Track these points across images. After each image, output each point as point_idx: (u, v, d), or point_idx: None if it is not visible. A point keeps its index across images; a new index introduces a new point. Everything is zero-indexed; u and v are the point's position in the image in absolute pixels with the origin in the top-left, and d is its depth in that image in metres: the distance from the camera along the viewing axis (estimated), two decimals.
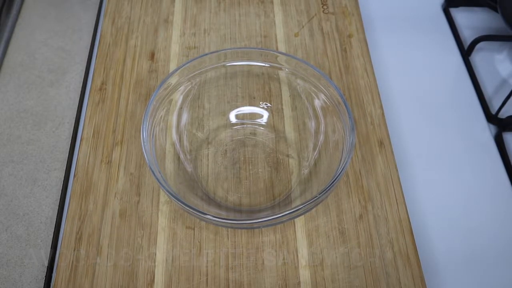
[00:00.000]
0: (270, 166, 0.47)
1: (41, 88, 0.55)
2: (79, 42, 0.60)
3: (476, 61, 0.59)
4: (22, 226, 0.46)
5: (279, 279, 0.41)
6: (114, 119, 0.50)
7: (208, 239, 0.43)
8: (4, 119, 0.53)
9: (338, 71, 0.54)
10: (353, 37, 0.58)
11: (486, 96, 0.56)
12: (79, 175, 0.47)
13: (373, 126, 0.50)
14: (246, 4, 0.61)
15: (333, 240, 0.43)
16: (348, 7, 0.61)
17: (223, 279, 0.41)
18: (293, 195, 0.45)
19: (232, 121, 0.50)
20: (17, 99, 0.54)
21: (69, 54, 0.59)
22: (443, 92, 0.56)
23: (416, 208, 0.47)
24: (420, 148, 0.52)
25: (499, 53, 0.60)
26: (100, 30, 0.59)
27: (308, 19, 0.60)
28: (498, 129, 0.53)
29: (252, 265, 0.42)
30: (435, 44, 0.61)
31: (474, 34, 0.60)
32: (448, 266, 0.44)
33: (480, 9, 0.64)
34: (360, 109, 0.51)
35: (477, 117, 0.54)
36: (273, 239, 0.43)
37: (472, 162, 0.51)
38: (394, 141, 0.50)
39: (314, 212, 0.44)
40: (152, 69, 0.54)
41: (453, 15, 0.63)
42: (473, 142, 0.52)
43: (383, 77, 0.56)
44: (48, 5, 0.64)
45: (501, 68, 0.59)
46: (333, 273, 0.41)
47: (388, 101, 0.54)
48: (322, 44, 0.57)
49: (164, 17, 0.59)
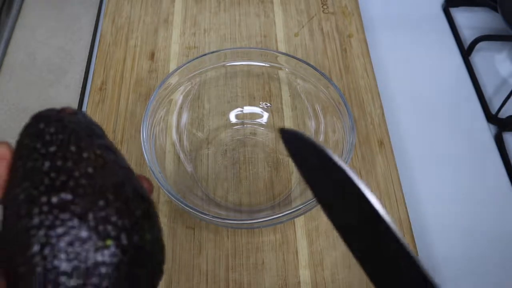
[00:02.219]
0: (270, 166, 0.47)
1: (41, 88, 0.55)
2: (79, 42, 0.60)
3: (476, 61, 0.59)
4: None
5: (279, 279, 0.41)
6: (114, 119, 0.50)
7: (208, 239, 0.43)
8: (4, 119, 0.53)
9: (338, 71, 0.54)
10: (353, 37, 0.58)
11: (486, 96, 0.56)
12: None
13: (373, 126, 0.50)
14: (246, 4, 0.61)
15: (333, 240, 0.43)
16: (348, 7, 0.61)
17: (223, 279, 0.41)
18: (293, 195, 0.45)
19: (232, 121, 0.50)
20: (17, 99, 0.54)
21: (69, 53, 0.59)
22: (443, 92, 0.56)
23: (416, 208, 0.47)
24: (420, 148, 0.52)
25: (499, 53, 0.60)
26: (100, 30, 0.59)
27: (308, 19, 0.60)
28: (498, 129, 0.53)
29: (252, 265, 0.42)
30: (435, 44, 0.61)
31: (474, 34, 0.60)
32: (448, 265, 0.44)
33: (480, 9, 0.64)
34: (360, 109, 0.51)
35: (477, 117, 0.54)
36: (273, 239, 0.43)
37: (472, 162, 0.51)
38: (394, 141, 0.50)
39: (314, 212, 0.44)
40: (152, 69, 0.54)
41: (453, 15, 0.63)
42: (473, 142, 0.52)
43: (383, 77, 0.56)
44: (48, 5, 0.63)
45: (501, 68, 0.59)
46: (333, 273, 0.41)
47: (388, 101, 0.54)
48: (322, 44, 0.57)
49: (164, 17, 0.59)
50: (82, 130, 0.21)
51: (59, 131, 0.21)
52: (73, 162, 0.20)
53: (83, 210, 0.18)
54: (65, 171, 0.19)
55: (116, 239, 0.18)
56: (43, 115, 0.22)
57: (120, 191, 0.20)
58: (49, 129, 0.21)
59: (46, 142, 0.20)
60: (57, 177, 0.19)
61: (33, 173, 0.19)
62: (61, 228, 0.18)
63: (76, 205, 0.18)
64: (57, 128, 0.21)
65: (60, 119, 0.21)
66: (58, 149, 0.20)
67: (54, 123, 0.21)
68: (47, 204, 0.18)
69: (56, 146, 0.20)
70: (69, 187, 0.19)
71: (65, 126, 0.21)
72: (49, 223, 0.18)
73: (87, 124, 0.22)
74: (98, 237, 0.18)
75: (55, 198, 0.18)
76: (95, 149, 0.21)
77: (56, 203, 0.18)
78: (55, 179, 0.19)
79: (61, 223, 0.18)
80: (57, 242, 0.18)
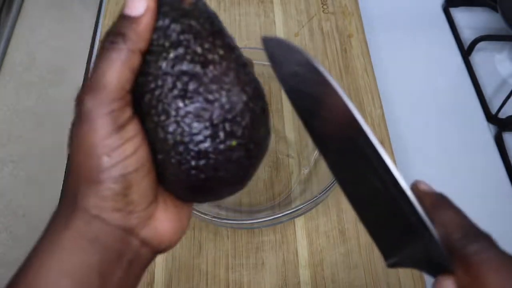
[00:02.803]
0: (270, 166, 0.47)
1: (41, 88, 0.55)
2: (79, 42, 0.60)
3: (476, 61, 0.59)
4: (22, 226, 0.46)
5: (279, 279, 0.41)
6: None
7: (208, 239, 0.43)
8: (4, 119, 0.53)
9: (338, 71, 0.54)
10: (353, 37, 0.58)
11: (486, 96, 0.56)
12: None
13: (373, 126, 0.50)
14: (246, 4, 0.61)
15: (333, 239, 0.43)
16: (348, 7, 0.61)
17: (223, 279, 0.41)
18: (293, 195, 0.45)
19: None
20: (17, 99, 0.54)
21: (69, 54, 0.59)
22: (443, 92, 0.56)
23: None
24: (420, 148, 0.52)
25: (499, 53, 0.60)
26: (100, 30, 0.59)
27: (308, 19, 0.60)
28: (498, 129, 0.53)
29: (252, 265, 0.42)
30: (435, 44, 0.61)
31: (474, 34, 0.60)
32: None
33: (480, 9, 0.64)
34: (360, 109, 0.51)
35: (477, 117, 0.54)
36: (273, 239, 0.43)
37: (472, 162, 0.51)
38: (394, 141, 0.50)
39: (314, 212, 0.44)
40: None
41: (453, 15, 0.63)
42: (473, 142, 0.52)
43: (383, 77, 0.56)
44: (48, 5, 0.63)
45: (501, 68, 0.59)
46: (333, 273, 0.41)
47: (388, 101, 0.54)
48: (322, 44, 0.57)
49: None
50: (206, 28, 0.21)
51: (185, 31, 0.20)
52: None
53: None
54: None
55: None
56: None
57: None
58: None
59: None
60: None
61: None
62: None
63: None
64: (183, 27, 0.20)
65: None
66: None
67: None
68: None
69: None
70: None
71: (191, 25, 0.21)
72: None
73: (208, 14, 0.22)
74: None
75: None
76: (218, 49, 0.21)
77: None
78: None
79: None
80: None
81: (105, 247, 0.19)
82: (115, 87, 0.19)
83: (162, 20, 0.20)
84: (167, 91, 0.19)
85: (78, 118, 0.19)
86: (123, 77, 0.19)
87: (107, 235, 0.19)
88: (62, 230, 0.19)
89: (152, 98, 0.20)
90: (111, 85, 0.19)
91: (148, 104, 0.20)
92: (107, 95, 0.19)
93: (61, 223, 0.19)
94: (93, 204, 0.19)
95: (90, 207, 0.19)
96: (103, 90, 0.19)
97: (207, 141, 0.19)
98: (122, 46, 0.19)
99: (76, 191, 0.19)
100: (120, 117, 0.19)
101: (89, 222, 0.19)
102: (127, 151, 0.19)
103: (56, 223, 0.20)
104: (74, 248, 0.19)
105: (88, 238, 0.19)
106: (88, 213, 0.19)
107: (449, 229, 0.20)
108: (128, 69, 0.19)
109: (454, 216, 0.20)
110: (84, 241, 0.19)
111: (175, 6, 0.21)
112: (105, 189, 0.19)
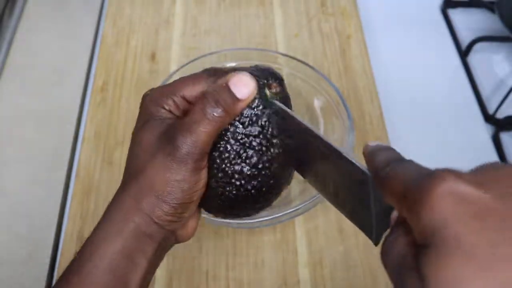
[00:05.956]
0: None
1: (43, 89, 0.56)
2: (80, 43, 0.60)
3: (473, 62, 0.60)
4: (24, 226, 0.46)
5: (278, 278, 0.41)
6: (115, 119, 0.51)
7: (208, 238, 0.43)
8: (6, 119, 0.53)
9: (337, 72, 0.55)
10: (352, 38, 0.58)
11: (484, 96, 0.56)
12: (80, 175, 0.47)
13: (371, 126, 0.50)
14: (246, 6, 0.61)
15: (333, 239, 0.43)
16: (347, 8, 0.61)
17: (223, 278, 0.41)
18: (293, 195, 0.45)
19: None
20: (19, 99, 0.55)
21: (71, 55, 0.59)
22: (441, 92, 0.57)
23: None
24: (418, 148, 0.52)
25: (496, 54, 0.61)
26: (101, 31, 0.59)
27: (307, 20, 0.60)
28: (496, 129, 0.54)
29: (252, 264, 0.42)
30: (433, 45, 0.61)
31: (472, 35, 0.60)
32: None
33: (478, 10, 0.65)
34: (359, 109, 0.52)
35: (474, 117, 0.55)
36: (273, 238, 0.44)
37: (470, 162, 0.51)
38: (393, 141, 0.50)
39: (313, 212, 0.45)
40: (153, 70, 0.55)
41: (451, 16, 0.64)
42: (471, 142, 0.53)
43: (381, 77, 0.56)
44: (50, 6, 0.64)
45: (499, 69, 0.59)
46: (332, 272, 0.42)
47: (386, 101, 0.54)
48: (321, 45, 0.57)
49: (165, 18, 0.60)
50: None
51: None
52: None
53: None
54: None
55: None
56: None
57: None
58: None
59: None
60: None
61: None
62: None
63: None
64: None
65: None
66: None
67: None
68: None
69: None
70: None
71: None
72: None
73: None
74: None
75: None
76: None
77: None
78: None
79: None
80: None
81: (156, 242, 0.26)
82: (207, 144, 0.25)
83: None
84: (231, 159, 0.26)
85: (172, 156, 0.25)
86: (214, 137, 0.25)
87: (159, 234, 0.26)
88: (122, 221, 0.25)
89: (217, 156, 0.26)
90: (204, 144, 0.25)
91: (213, 160, 0.26)
92: (200, 148, 0.25)
93: (119, 217, 0.26)
94: (157, 215, 0.25)
95: (154, 216, 0.25)
96: (199, 144, 0.24)
97: (241, 190, 0.27)
98: (223, 119, 0.25)
99: (141, 198, 0.25)
100: (201, 164, 0.25)
101: (150, 225, 0.25)
102: (197, 187, 0.26)
103: (113, 217, 0.26)
104: (132, 237, 0.25)
105: (147, 234, 0.25)
106: (149, 218, 0.25)
107: (406, 176, 0.19)
108: (218, 131, 0.25)
109: (408, 165, 0.21)
110: (142, 236, 0.25)
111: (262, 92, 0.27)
112: (170, 209, 0.25)
